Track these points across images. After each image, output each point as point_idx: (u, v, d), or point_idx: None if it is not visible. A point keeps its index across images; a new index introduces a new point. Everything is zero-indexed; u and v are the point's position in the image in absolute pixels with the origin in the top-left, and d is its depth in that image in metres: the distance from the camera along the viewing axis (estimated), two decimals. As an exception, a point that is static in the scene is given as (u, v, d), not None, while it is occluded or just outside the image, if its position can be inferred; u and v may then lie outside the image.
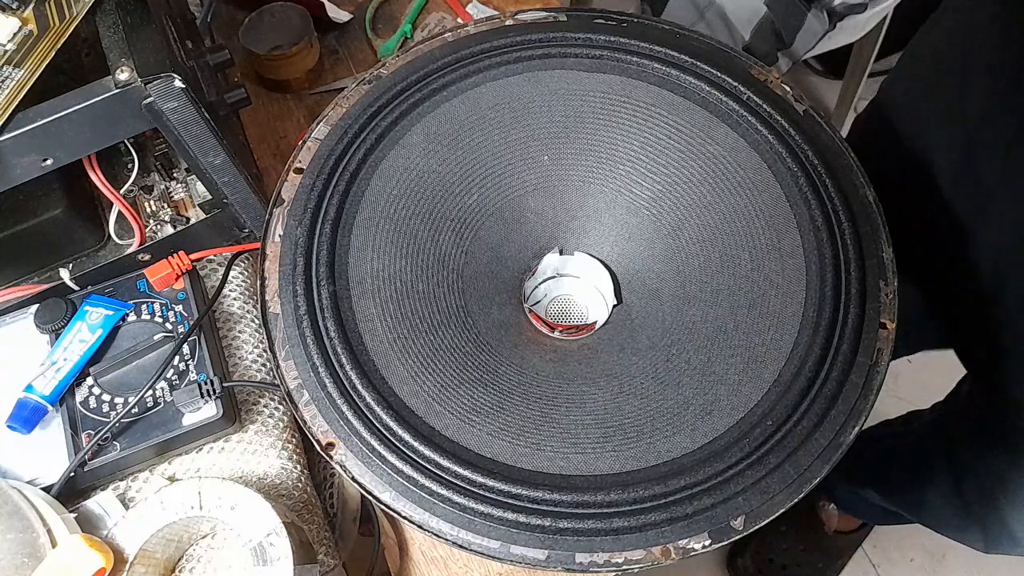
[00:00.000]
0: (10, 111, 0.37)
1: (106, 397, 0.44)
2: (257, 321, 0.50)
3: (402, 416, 0.40)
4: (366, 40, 0.73)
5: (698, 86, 0.48)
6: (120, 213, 0.49)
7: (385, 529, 0.52)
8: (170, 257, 0.47)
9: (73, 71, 0.43)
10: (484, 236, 0.49)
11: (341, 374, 0.41)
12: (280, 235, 0.45)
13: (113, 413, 0.43)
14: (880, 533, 1.11)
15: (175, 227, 0.50)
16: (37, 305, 0.46)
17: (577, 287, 0.54)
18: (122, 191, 0.48)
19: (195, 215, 0.51)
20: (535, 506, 0.38)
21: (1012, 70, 0.49)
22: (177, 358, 0.45)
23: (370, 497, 0.39)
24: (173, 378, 0.44)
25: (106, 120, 0.39)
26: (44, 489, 0.41)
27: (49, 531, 0.38)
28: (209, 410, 0.43)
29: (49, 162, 0.39)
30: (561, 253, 0.51)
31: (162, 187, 0.52)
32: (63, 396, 0.44)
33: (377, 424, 0.40)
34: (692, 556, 0.37)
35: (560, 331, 0.50)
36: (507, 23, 0.53)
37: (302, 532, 0.42)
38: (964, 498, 0.82)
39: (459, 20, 0.73)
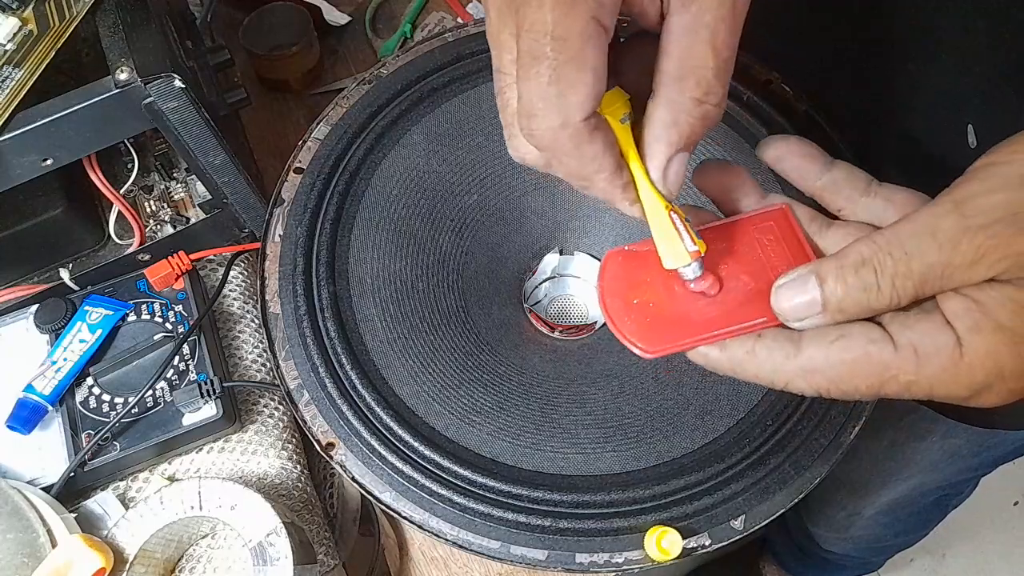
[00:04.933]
0: (10, 111, 0.37)
1: (106, 397, 0.44)
2: (257, 321, 0.50)
3: (402, 416, 0.40)
4: (366, 40, 0.73)
5: (698, 86, 0.48)
6: (120, 213, 0.49)
7: (385, 529, 0.52)
8: (170, 257, 0.47)
9: (73, 71, 0.43)
10: (484, 236, 0.49)
11: (341, 374, 0.41)
12: (280, 235, 0.45)
13: (113, 413, 0.43)
14: (880, 533, 1.11)
15: (175, 227, 0.50)
16: (37, 305, 0.46)
17: (577, 287, 0.54)
18: (122, 191, 0.48)
19: (195, 215, 0.51)
20: (535, 506, 0.38)
21: None
22: (177, 358, 0.45)
23: (370, 497, 0.39)
24: (173, 378, 0.44)
25: (106, 120, 0.39)
26: (44, 489, 0.41)
27: (49, 531, 0.38)
28: (209, 410, 0.43)
29: (49, 162, 0.39)
30: (561, 253, 0.51)
31: (162, 187, 0.52)
32: (63, 396, 0.44)
33: (377, 424, 0.40)
34: (692, 556, 0.37)
35: (560, 331, 0.50)
36: (507, 23, 0.53)
37: (302, 532, 0.41)
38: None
39: (459, 20, 0.73)
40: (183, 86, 0.39)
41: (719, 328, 0.28)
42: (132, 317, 0.46)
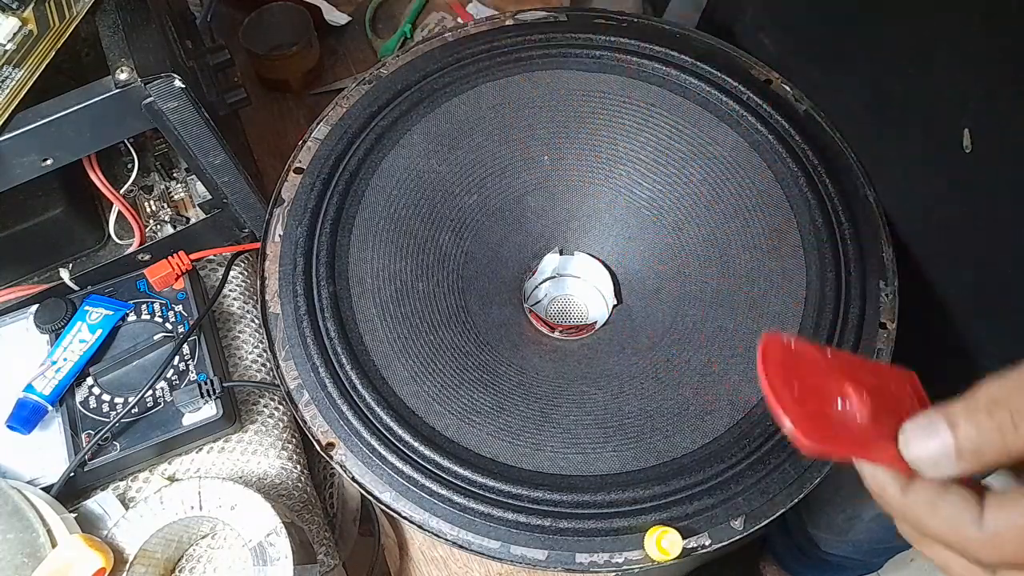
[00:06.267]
0: (10, 111, 0.37)
1: (106, 397, 0.44)
2: (257, 321, 0.50)
3: (402, 416, 0.40)
4: (366, 40, 0.73)
5: (698, 86, 0.48)
6: (120, 213, 0.49)
7: (385, 529, 0.52)
8: (170, 257, 0.47)
9: (73, 71, 0.43)
10: (484, 236, 0.49)
11: (341, 374, 0.41)
12: (280, 235, 0.45)
13: (113, 413, 0.43)
14: (880, 533, 1.11)
15: (175, 227, 0.50)
16: (37, 305, 0.46)
17: (577, 287, 0.54)
18: (122, 191, 0.48)
19: (195, 215, 0.51)
20: (535, 506, 0.38)
21: None
22: (177, 358, 0.45)
23: (370, 497, 0.39)
24: (173, 378, 0.44)
25: (106, 120, 0.39)
26: (44, 489, 0.41)
27: (49, 531, 0.38)
28: (209, 410, 0.43)
29: (49, 162, 0.39)
30: (561, 253, 0.51)
31: (162, 187, 0.52)
32: (63, 396, 0.44)
33: (377, 424, 0.40)
34: (692, 556, 0.37)
35: (560, 331, 0.50)
36: (507, 23, 0.53)
37: (302, 532, 0.41)
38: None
39: (459, 20, 0.73)
40: (183, 86, 0.39)
41: (870, 448, 0.27)
42: (132, 317, 0.46)
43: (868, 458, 0.27)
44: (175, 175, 0.53)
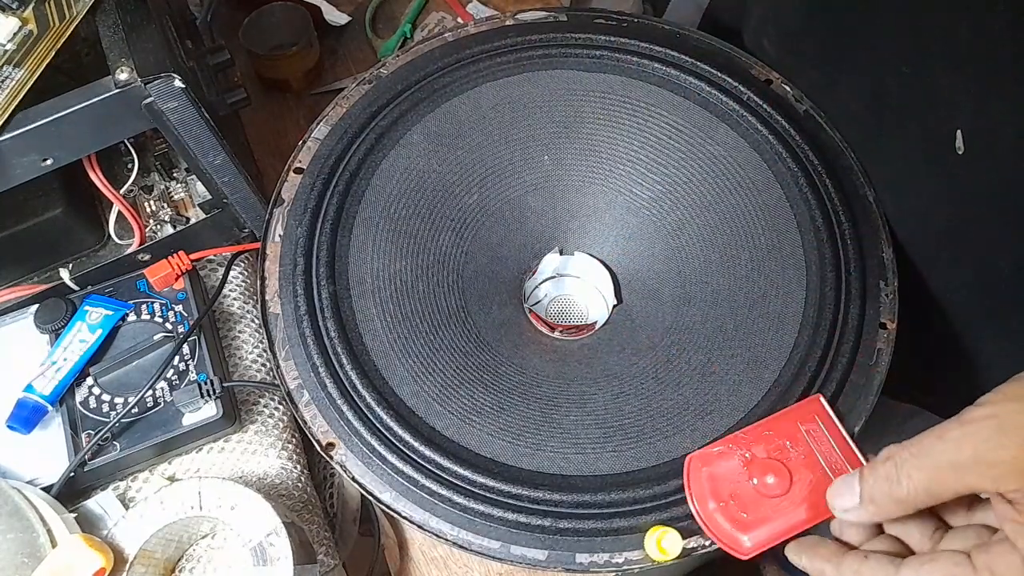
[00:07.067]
0: (10, 111, 0.37)
1: (106, 397, 0.44)
2: (257, 321, 0.50)
3: (402, 416, 0.40)
4: (366, 40, 0.73)
5: (698, 86, 0.48)
6: (120, 213, 0.49)
7: (385, 529, 0.52)
8: (170, 257, 0.47)
9: (73, 71, 0.43)
10: (484, 236, 0.49)
11: (341, 374, 0.41)
12: (280, 235, 0.46)
13: (113, 413, 0.43)
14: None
15: (175, 227, 0.50)
16: (37, 305, 0.46)
17: (577, 287, 0.54)
18: (122, 191, 0.48)
19: (195, 215, 0.51)
20: (535, 506, 0.38)
21: None
22: (177, 358, 0.45)
23: (370, 497, 0.40)
24: (173, 378, 0.44)
25: (106, 120, 0.39)
26: (44, 489, 0.41)
27: (49, 531, 0.38)
28: (209, 410, 0.43)
29: (49, 162, 0.39)
30: (561, 253, 0.51)
31: (162, 187, 0.52)
32: (63, 396, 0.44)
33: (377, 424, 0.40)
34: (692, 556, 0.37)
35: (560, 331, 0.50)
36: (507, 23, 0.53)
37: (302, 532, 0.41)
38: None
39: (459, 20, 0.73)
40: (183, 86, 0.39)
41: (798, 523, 0.33)
42: (132, 317, 0.46)
43: (803, 527, 0.33)
44: (175, 175, 0.53)
